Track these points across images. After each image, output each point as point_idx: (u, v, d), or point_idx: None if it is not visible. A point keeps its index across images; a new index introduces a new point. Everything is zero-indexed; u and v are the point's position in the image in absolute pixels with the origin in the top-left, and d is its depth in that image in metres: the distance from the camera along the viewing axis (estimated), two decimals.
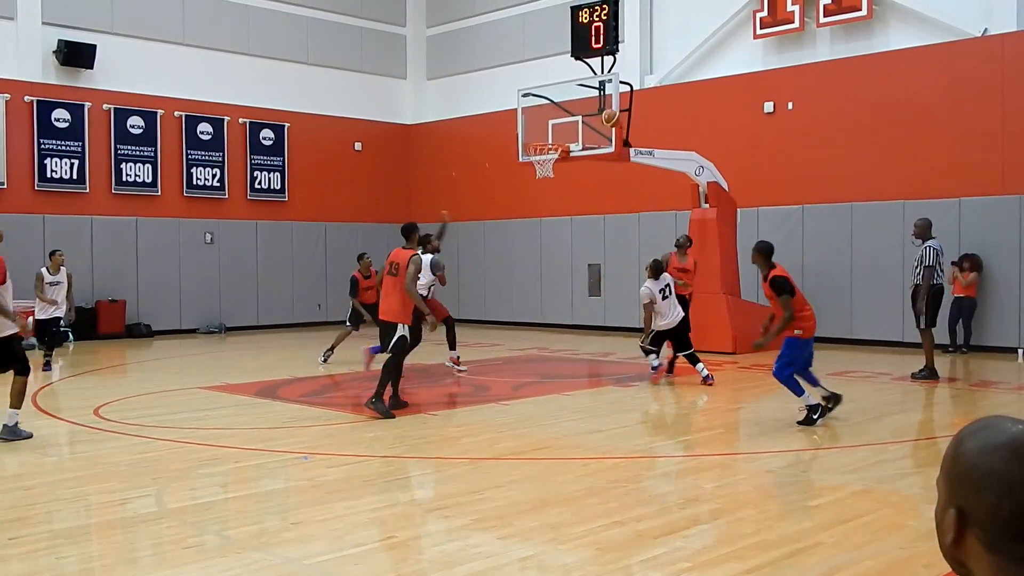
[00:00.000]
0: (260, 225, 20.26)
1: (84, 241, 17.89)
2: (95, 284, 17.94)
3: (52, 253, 13.53)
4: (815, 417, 8.11)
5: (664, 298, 11.01)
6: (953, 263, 13.84)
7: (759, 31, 16.80)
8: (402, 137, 22.81)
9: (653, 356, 11.45)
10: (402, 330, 9.00)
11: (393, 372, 9.09)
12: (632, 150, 13.74)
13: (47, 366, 13.01)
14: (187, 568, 4.62)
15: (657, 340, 11.28)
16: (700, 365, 11.01)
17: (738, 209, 15.33)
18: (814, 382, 8.50)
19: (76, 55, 17.74)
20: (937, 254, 11.15)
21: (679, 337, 11.20)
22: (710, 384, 10.83)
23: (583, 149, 13.77)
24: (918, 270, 11.17)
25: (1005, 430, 1.27)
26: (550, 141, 14.10)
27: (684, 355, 11.23)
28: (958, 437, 1.32)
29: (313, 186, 21.10)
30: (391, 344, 9.04)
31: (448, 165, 21.88)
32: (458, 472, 6.73)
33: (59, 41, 17.65)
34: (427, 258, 11.10)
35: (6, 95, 17.11)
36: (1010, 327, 13.88)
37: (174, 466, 6.89)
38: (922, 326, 11.11)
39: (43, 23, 17.62)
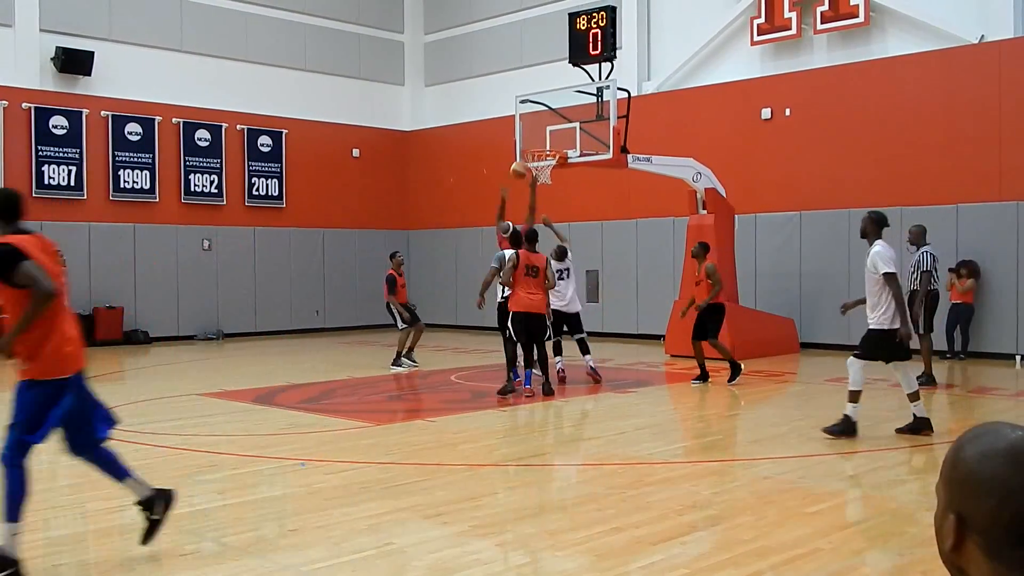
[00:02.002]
0: (258, 232, 20.25)
1: (82, 248, 17.88)
2: (93, 291, 17.93)
3: None
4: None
5: (561, 279, 11.84)
6: (950, 269, 13.85)
7: (756, 38, 16.83)
8: (400, 144, 22.82)
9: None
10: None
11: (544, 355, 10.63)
12: (630, 156, 13.75)
13: None
14: (184, 575, 4.60)
15: (556, 326, 11.86)
16: (588, 356, 11.88)
17: (736, 215, 15.35)
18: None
19: (74, 62, 17.75)
20: (934, 259, 11.18)
21: (573, 321, 12.00)
22: (597, 380, 11.65)
23: (581, 155, 13.79)
24: (915, 276, 11.17)
25: (1005, 436, 1.27)
26: (548, 147, 14.11)
27: (576, 338, 12.00)
28: (958, 443, 1.32)
29: (311, 193, 21.10)
30: (548, 334, 10.96)
31: (446, 171, 21.90)
32: (456, 478, 6.72)
33: (57, 48, 17.67)
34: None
35: (4, 102, 17.12)
36: (1008, 333, 13.89)
37: (171, 473, 6.87)
38: (920, 331, 11.10)
39: (41, 30, 17.64)
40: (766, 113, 16.55)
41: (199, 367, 14.93)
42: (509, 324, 10.57)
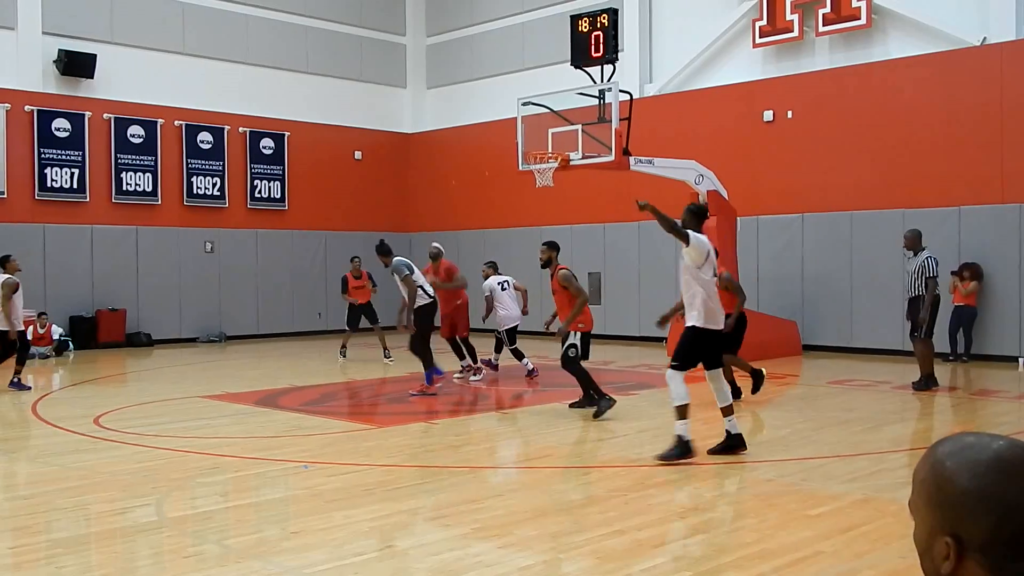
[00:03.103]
0: (260, 234, 20.28)
1: (85, 250, 17.91)
2: (95, 293, 17.95)
3: (5, 260, 12.20)
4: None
5: (503, 290, 12.72)
6: (953, 272, 13.84)
7: (758, 40, 16.84)
8: (402, 146, 22.85)
9: (526, 360, 12.54)
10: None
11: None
12: (632, 159, 13.75)
13: (16, 383, 11.89)
14: None
15: (511, 335, 12.65)
16: (525, 359, 12.41)
17: (738, 218, 15.34)
18: None
19: (76, 65, 17.77)
20: (937, 264, 11.05)
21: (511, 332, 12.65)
22: (534, 379, 12.19)
23: (583, 158, 13.79)
24: (917, 281, 10.94)
25: (987, 447, 1.23)
26: (550, 150, 14.12)
27: (511, 349, 12.60)
28: (934, 459, 1.26)
29: (313, 195, 21.13)
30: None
31: (448, 174, 21.92)
32: (458, 481, 6.72)
33: (59, 51, 17.69)
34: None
35: (6, 105, 17.14)
36: (1011, 336, 13.88)
37: (174, 475, 6.89)
38: (923, 336, 11.00)
39: (43, 33, 17.67)
40: (768, 115, 16.55)
41: (202, 369, 14.94)
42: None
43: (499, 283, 12.90)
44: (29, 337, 16.11)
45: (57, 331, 16.74)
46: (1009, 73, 13.97)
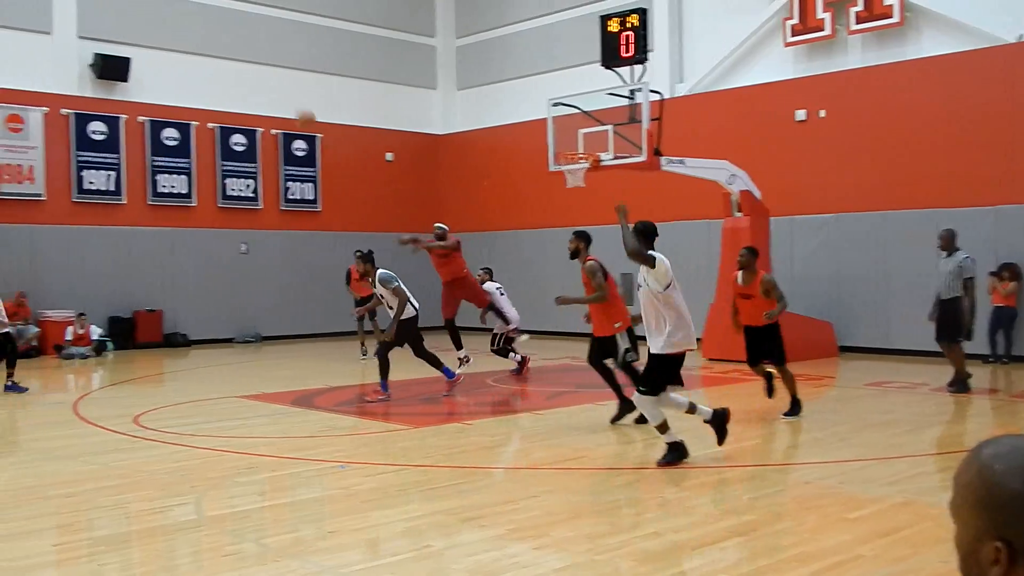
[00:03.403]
0: (293, 236, 20.45)
1: (122, 252, 18.15)
2: (133, 295, 18.19)
3: None
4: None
5: (501, 295, 13.45)
6: (992, 273, 13.64)
7: (790, 39, 16.71)
8: (433, 147, 22.93)
9: (512, 353, 13.13)
10: None
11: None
12: (663, 159, 13.71)
13: (11, 386, 11.69)
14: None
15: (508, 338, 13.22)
16: (514, 355, 13.03)
17: (771, 218, 15.23)
18: None
19: (111, 68, 18.03)
20: (974, 264, 10.82)
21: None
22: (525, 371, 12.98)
23: (614, 158, 13.76)
24: (953, 282, 10.67)
25: None
26: (581, 150, 14.10)
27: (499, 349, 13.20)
28: (980, 462, 1.24)
29: (345, 196, 21.27)
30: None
31: (479, 175, 21.96)
32: (493, 482, 6.73)
33: (94, 55, 17.95)
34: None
35: (44, 108, 17.40)
36: None
37: (211, 475, 6.96)
38: (965, 340, 10.77)
39: (79, 37, 17.93)
40: (800, 115, 16.41)
41: (237, 370, 15.08)
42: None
43: (496, 288, 13.59)
44: (69, 337, 16.45)
45: (96, 331, 17.00)
46: None
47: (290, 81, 20.62)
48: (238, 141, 19.80)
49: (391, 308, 10.65)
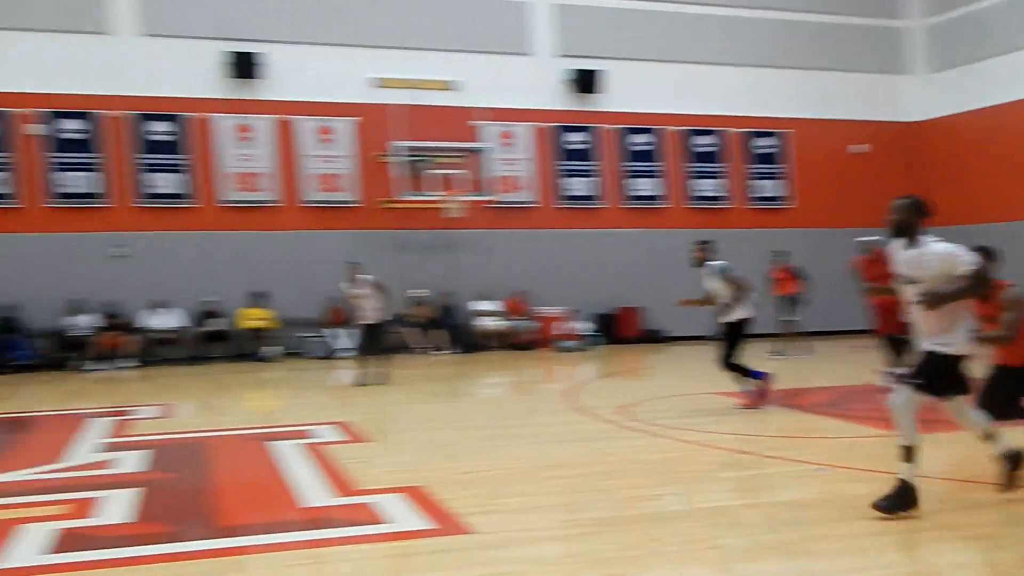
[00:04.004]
0: (762, 233, 20.53)
1: (601, 252, 19.81)
2: (615, 292, 19.84)
3: None
4: None
5: None
6: None
7: None
8: (906, 135, 21.71)
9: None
10: None
11: None
12: None
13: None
14: (712, 568, 4.79)
15: None
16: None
17: None
18: None
19: (587, 83, 19.75)
20: None
21: None
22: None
23: None
24: None
25: None
26: None
27: None
28: None
29: (816, 192, 21.13)
30: None
31: (966, 162, 20.12)
32: (1007, 499, 6.02)
33: (571, 71, 19.73)
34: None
35: (531, 124, 19.58)
36: None
37: (693, 468, 7.20)
38: None
39: (555, 56, 19.81)
40: None
41: (711, 366, 15.38)
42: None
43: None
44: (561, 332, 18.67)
45: (585, 327, 18.84)
46: None
47: (753, 79, 20.97)
48: (702, 142, 20.62)
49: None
